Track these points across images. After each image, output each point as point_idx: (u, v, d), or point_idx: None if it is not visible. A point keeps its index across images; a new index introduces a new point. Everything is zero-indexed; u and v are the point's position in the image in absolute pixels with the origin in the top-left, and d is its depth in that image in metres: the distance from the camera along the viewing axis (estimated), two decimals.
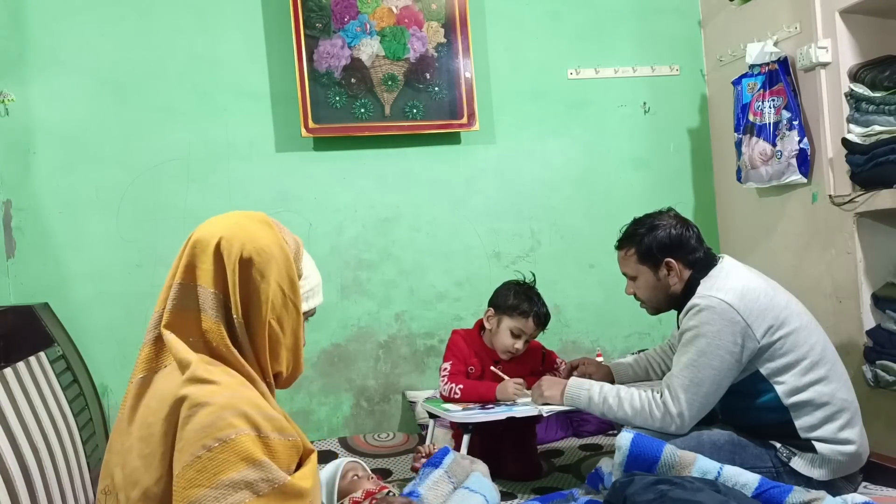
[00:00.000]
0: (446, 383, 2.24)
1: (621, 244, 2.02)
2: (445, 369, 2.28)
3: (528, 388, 2.14)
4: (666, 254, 1.93)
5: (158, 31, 2.73)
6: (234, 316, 1.26)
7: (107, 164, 2.68)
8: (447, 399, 2.24)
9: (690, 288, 1.92)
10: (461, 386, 2.21)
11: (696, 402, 1.80)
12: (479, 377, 2.28)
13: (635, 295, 2.03)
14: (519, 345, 2.25)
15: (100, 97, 2.68)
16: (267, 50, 2.81)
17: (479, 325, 2.37)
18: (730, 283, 1.84)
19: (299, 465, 1.28)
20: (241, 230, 1.30)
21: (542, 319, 2.28)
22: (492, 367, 2.27)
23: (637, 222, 2.01)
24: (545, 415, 2.04)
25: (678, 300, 1.96)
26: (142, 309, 2.67)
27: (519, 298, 2.26)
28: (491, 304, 2.32)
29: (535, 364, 2.37)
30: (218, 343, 1.25)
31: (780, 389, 1.81)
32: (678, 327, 1.94)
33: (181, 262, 1.29)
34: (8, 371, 1.79)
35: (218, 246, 1.27)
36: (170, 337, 1.25)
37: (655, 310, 2.03)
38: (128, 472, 1.19)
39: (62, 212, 2.64)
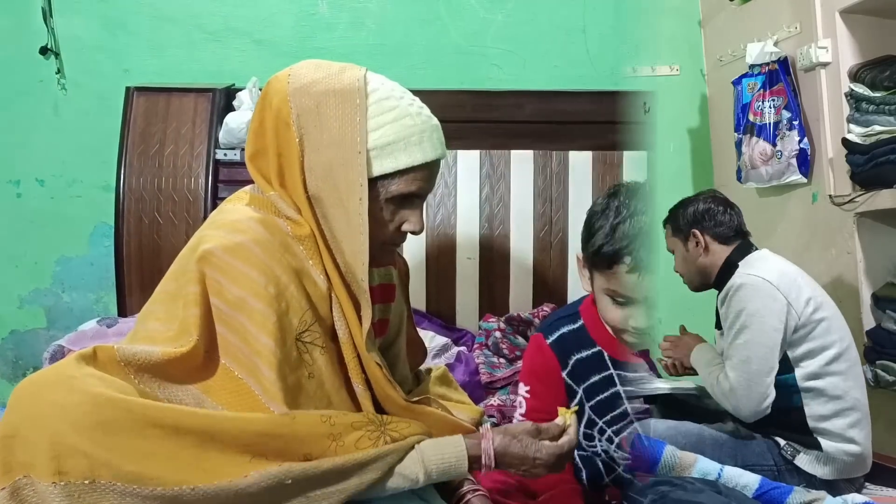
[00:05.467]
0: None
1: (664, 222, 2.08)
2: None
3: None
4: (692, 225, 1.99)
5: None
6: None
7: None
8: None
9: (729, 269, 1.94)
10: None
11: (743, 379, 1.79)
12: None
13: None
14: None
15: None
16: None
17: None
18: (768, 265, 1.89)
19: None
20: None
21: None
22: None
23: (679, 201, 2.08)
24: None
25: (714, 278, 1.99)
26: None
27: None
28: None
29: None
30: None
31: (798, 372, 1.83)
32: (717, 311, 1.97)
33: None
34: None
35: None
36: None
37: (691, 284, 2.07)
38: None
39: None
